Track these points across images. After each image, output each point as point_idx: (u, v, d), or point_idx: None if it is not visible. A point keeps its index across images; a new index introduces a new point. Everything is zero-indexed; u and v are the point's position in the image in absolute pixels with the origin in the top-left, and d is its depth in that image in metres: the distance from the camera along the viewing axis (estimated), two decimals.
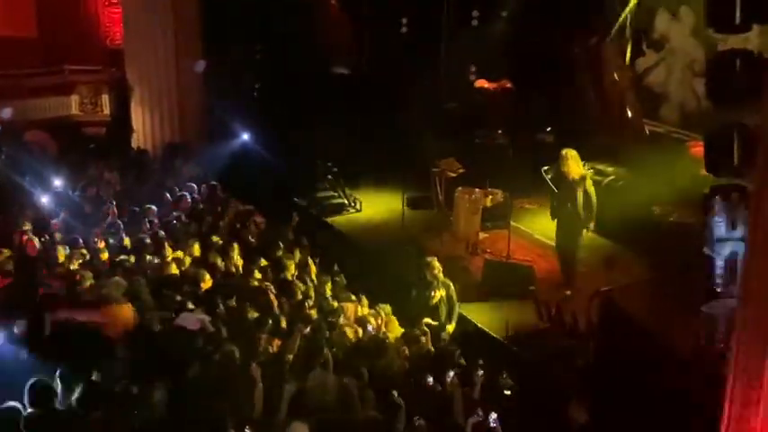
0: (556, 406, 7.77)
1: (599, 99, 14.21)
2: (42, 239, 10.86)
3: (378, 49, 17.20)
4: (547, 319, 10.97)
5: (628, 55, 14.01)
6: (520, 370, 8.78)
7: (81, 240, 10.92)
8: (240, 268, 10.67)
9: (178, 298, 9.34)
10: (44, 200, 12.35)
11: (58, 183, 13.23)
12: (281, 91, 16.17)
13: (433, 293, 10.27)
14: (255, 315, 9.02)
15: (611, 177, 13.34)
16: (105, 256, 10.53)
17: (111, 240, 11.04)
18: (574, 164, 11.33)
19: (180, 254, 10.67)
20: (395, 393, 7.29)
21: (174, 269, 10.23)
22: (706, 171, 7.80)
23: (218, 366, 7.72)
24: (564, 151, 11.40)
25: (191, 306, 9.11)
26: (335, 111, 15.80)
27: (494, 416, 7.01)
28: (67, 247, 10.60)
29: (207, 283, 9.83)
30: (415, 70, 16.19)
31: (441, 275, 10.39)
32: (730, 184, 7.71)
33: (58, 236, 11.16)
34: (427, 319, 10.11)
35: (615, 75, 14.04)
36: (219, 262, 10.54)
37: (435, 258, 10.60)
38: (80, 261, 10.31)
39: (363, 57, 17.39)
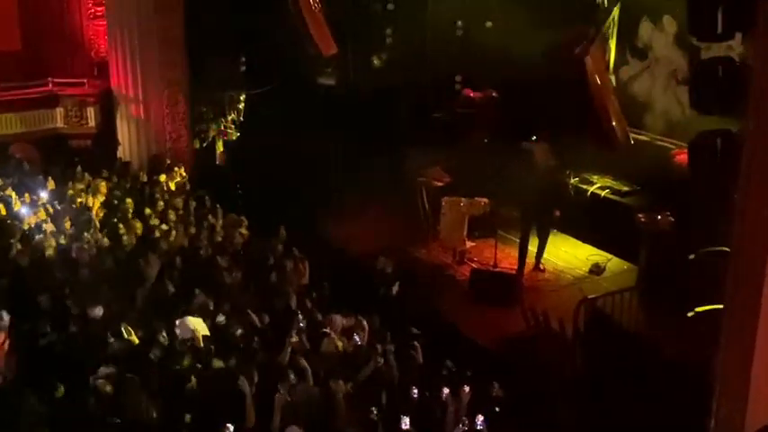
0: (543, 412, 7.78)
1: (582, 106, 14.15)
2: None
3: (363, 60, 17.18)
4: (534, 326, 10.99)
5: (611, 62, 14.05)
6: (507, 378, 8.78)
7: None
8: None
9: None
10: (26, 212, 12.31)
11: (43, 195, 13.17)
12: (266, 103, 16.14)
13: None
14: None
15: (597, 185, 13.42)
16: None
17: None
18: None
19: None
20: (374, 410, 7.28)
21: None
22: (690, 177, 7.81)
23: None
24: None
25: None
26: (321, 121, 15.79)
27: (480, 419, 7.04)
28: None
29: None
30: (399, 80, 16.22)
31: None
32: None
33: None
34: None
35: (598, 81, 13.99)
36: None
37: None
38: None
39: (349, 67, 17.35)
